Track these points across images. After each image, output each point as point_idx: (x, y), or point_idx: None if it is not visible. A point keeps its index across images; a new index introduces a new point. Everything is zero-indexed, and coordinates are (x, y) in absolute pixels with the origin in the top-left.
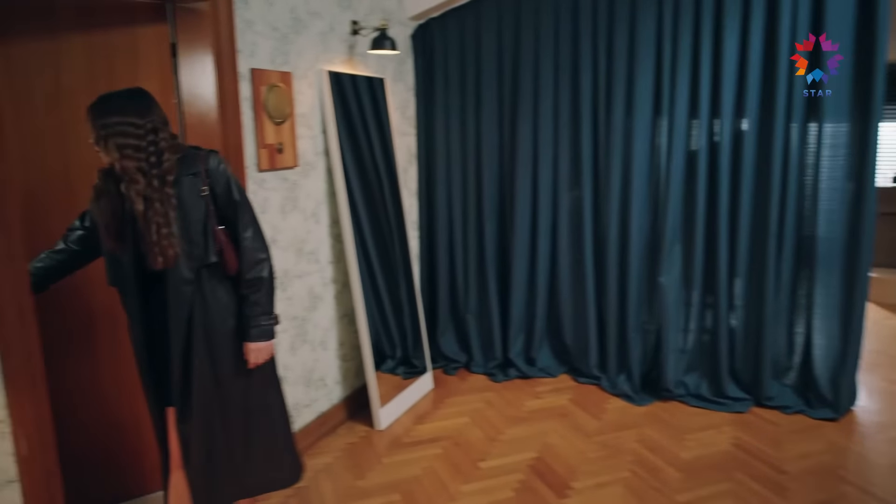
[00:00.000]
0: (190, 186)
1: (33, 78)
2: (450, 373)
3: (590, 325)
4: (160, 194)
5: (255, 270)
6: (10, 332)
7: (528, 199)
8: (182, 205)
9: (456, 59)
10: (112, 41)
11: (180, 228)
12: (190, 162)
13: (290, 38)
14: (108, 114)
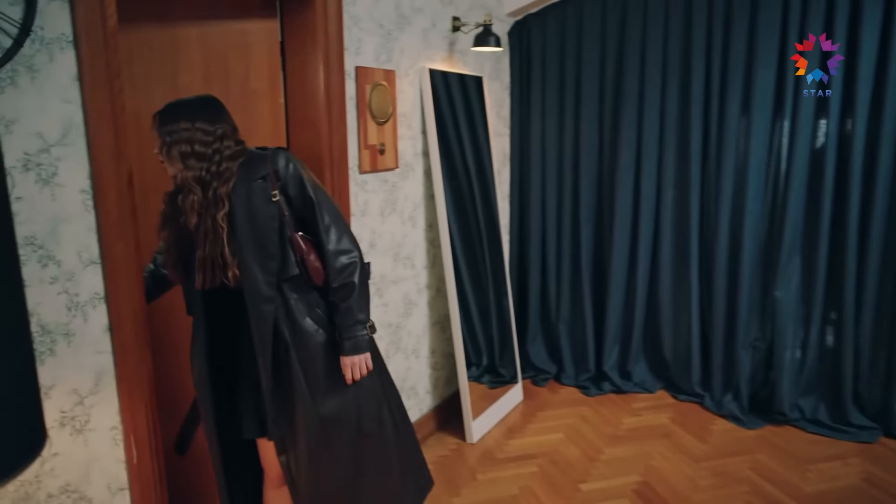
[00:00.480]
0: (259, 192)
1: (152, 78)
2: (539, 384)
3: (693, 339)
4: (215, 208)
5: (343, 276)
6: (126, 335)
7: (629, 203)
8: (252, 214)
9: (555, 57)
10: (226, 38)
11: (252, 240)
12: (256, 165)
13: (394, 34)
14: (176, 119)
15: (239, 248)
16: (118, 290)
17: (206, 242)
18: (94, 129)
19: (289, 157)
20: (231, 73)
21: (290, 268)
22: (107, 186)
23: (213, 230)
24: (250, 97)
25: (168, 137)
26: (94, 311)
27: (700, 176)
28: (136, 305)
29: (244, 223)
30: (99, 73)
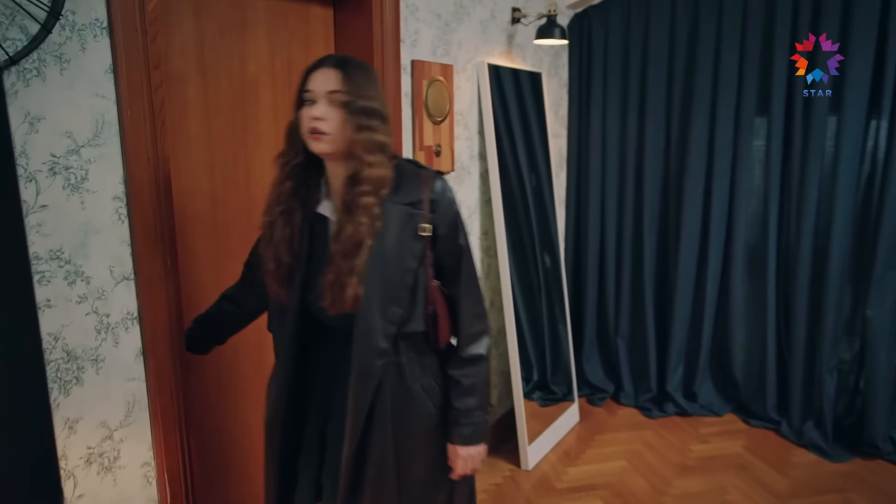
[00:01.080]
0: (403, 220)
1: (221, 65)
2: (595, 403)
3: (768, 359)
4: (367, 215)
5: (474, 346)
6: (161, 361)
7: (698, 210)
8: (384, 245)
9: (618, 52)
10: (289, 27)
11: (380, 276)
12: (408, 183)
13: (452, 26)
14: (369, 77)
15: (362, 280)
16: (154, 309)
17: (342, 255)
18: (130, 128)
19: (447, 188)
20: (293, 67)
21: (416, 321)
22: (143, 193)
23: (355, 242)
24: None
25: (359, 99)
26: (126, 333)
27: (780, 180)
28: (173, 327)
29: (377, 252)
30: (136, 65)
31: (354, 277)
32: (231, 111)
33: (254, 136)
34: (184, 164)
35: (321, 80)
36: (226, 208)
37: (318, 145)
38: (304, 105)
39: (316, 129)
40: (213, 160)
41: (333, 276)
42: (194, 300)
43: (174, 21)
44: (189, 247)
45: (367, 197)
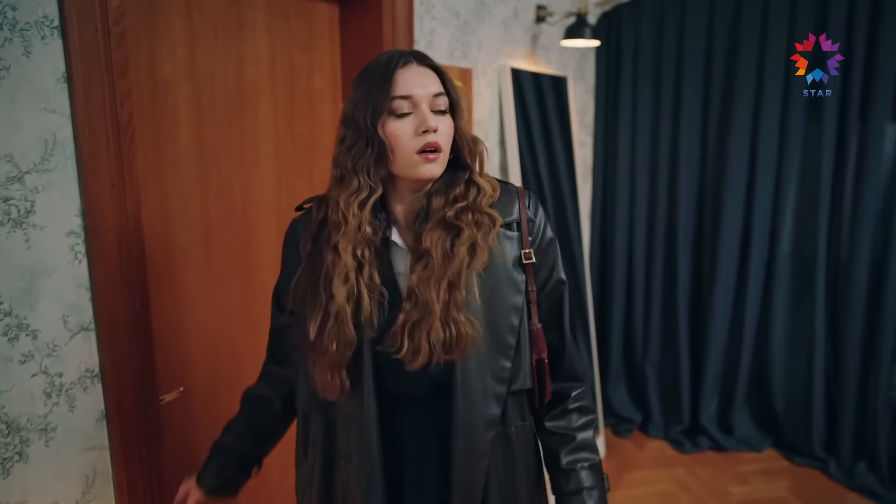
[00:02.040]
0: (507, 245)
1: (215, 70)
2: (622, 434)
3: (814, 390)
4: (472, 237)
5: (583, 401)
6: (128, 425)
7: (738, 226)
8: (486, 277)
9: (650, 54)
10: (292, 27)
11: (482, 321)
12: (501, 200)
13: (472, 25)
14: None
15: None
16: (119, 364)
17: (435, 287)
18: (88, 150)
19: (540, 206)
20: (296, 71)
21: (524, 377)
22: (105, 226)
23: (454, 270)
24: (315, 99)
25: (457, 99)
26: (84, 394)
27: (831, 191)
28: (145, 383)
29: (480, 285)
30: (96, 72)
31: (455, 314)
32: (226, 122)
33: (252, 150)
34: (171, 185)
35: (419, 82)
36: (221, 235)
37: (434, 168)
38: (392, 116)
39: (433, 147)
40: (206, 179)
41: (419, 316)
42: (183, 346)
43: (161, 20)
44: (176, 281)
45: (483, 213)
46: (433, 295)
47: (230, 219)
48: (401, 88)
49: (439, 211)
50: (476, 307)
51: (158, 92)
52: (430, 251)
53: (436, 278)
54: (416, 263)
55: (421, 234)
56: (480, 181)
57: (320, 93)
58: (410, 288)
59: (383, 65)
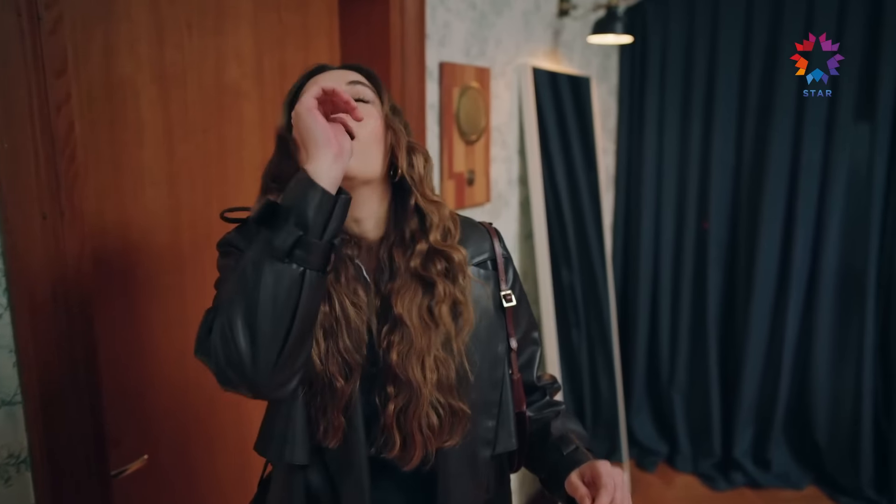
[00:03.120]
0: (480, 287)
1: (189, 69)
2: (646, 468)
3: (862, 421)
4: (448, 281)
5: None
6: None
7: (776, 241)
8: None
9: (680, 51)
10: (283, 19)
11: (469, 381)
12: (472, 234)
13: (490, 19)
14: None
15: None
16: (55, 443)
17: (414, 368)
18: (10, 170)
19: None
20: (287, 69)
21: (508, 436)
22: (34, 269)
23: (439, 345)
24: None
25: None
26: (5, 487)
27: (883, 200)
28: (91, 462)
29: (469, 339)
30: (19, 70)
31: (448, 394)
32: (202, 132)
33: (235, 164)
34: (133, 209)
35: (331, 77)
36: (196, 268)
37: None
38: None
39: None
40: (178, 202)
41: (405, 402)
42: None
43: (119, 7)
44: (138, 326)
45: (449, 250)
46: (418, 375)
47: (208, 248)
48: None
49: (404, 254)
50: (468, 380)
51: (116, 95)
52: (405, 320)
53: (418, 354)
54: (392, 333)
55: (388, 293)
56: (430, 208)
57: None
58: (390, 367)
59: (308, 72)
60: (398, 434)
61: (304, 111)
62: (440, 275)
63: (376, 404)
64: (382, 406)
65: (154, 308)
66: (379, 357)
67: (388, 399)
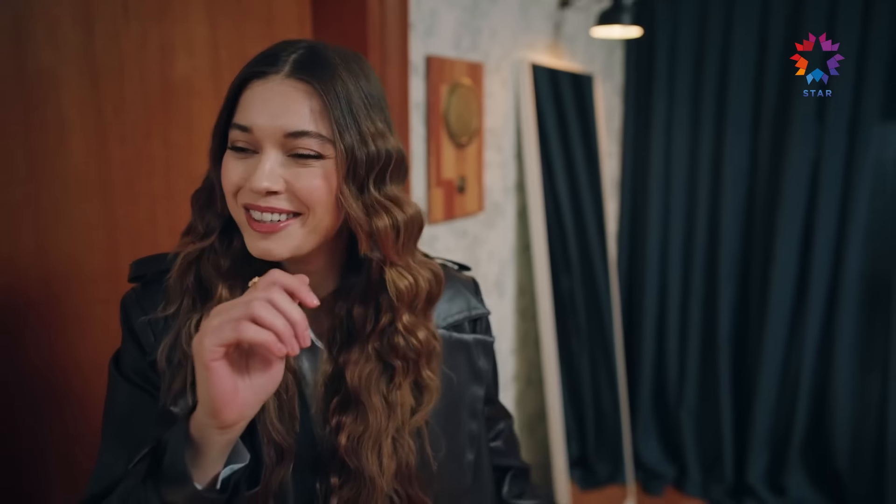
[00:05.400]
0: (453, 355)
1: (126, 61)
2: (652, 491)
3: (888, 445)
4: (409, 356)
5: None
6: None
7: (794, 253)
8: (438, 406)
9: (690, 48)
10: (242, 2)
11: (437, 471)
12: (456, 285)
13: (483, 8)
14: (339, 79)
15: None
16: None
17: (369, 455)
18: None
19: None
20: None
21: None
22: None
23: (397, 428)
24: None
25: (346, 116)
26: None
27: None
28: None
29: (433, 418)
30: None
31: (408, 485)
32: (144, 135)
33: (183, 174)
34: (55, 227)
35: (270, 108)
36: None
37: (269, 245)
38: (230, 148)
39: (260, 212)
40: (114, 218)
41: (353, 494)
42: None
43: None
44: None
45: (419, 333)
46: (373, 464)
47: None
48: (242, 113)
49: (361, 331)
50: (429, 469)
51: (32, 90)
52: (362, 398)
53: (374, 439)
54: (344, 412)
55: (343, 364)
56: (399, 279)
57: None
58: (337, 453)
59: (247, 65)
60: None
61: (202, 359)
62: (404, 357)
63: (316, 492)
64: (324, 498)
65: (83, 348)
66: (319, 438)
67: (330, 491)
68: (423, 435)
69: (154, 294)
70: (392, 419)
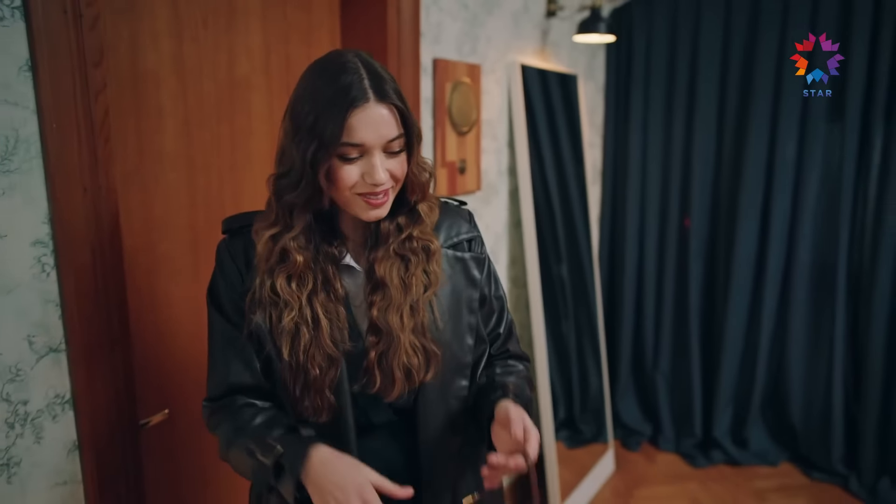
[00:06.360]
0: (454, 266)
1: (204, 63)
2: (630, 447)
3: (834, 403)
4: (424, 264)
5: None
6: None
7: (754, 232)
8: (441, 300)
9: (663, 50)
10: (288, 17)
11: (442, 344)
12: (447, 220)
13: (481, 18)
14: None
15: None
16: (94, 389)
17: (395, 318)
18: (57, 148)
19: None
20: (291, 64)
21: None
22: (77, 235)
23: (411, 299)
24: None
25: (400, 101)
26: (53, 423)
27: (853, 198)
28: (122, 410)
29: (439, 309)
30: (65, 60)
31: (421, 338)
32: (216, 121)
33: (244, 152)
34: (154, 191)
35: (375, 128)
36: (210, 245)
37: (380, 212)
38: (339, 160)
39: (378, 193)
40: (194, 184)
41: (385, 346)
42: (167, 365)
43: (143, 5)
44: (160, 294)
45: (427, 241)
46: (396, 322)
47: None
48: (354, 135)
49: (387, 240)
50: (436, 328)
51: (140, 86)
52: (386, 280)
53: (395, 306)
54: (374, 294)
55: (373, 262)
56: (422, 208)
57: None
58: (371, 320)
59: (339, 95)
60: (379, 373)
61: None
62: (416, 252)
63: (363, 350)
64: (365, 353)
65: (173, 279)
66: (361, 330)
67: (369, 347)
68: (433, 308)
69: (239, 243)
70: (408, 294)
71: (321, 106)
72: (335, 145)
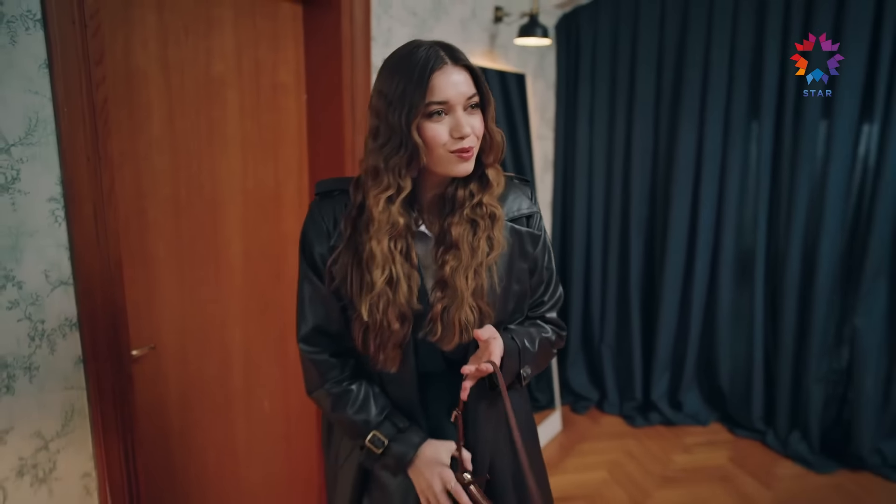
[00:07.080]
0: (512, 238)
1: (185, 63)
2: (579, 412)
3: (755, 368)
4: (489, 230)
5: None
6: (103, 367)
7: (686, 215)
8: (500, 267)
9: (606, 53)
10: (257, 24)
11: (497, 306)
12: (516, 191)
13: (429, 24)
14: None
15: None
16: (95, 315)
17: (460, 277)
18: (67, 127)
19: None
20: (262, 68)
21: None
22: (82, 194)
23: (476, 262)
24: (279, 92)
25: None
26: (63, 340)
27: (770, 185)
28: (117, 332)
29: (498, 274)
30: (74, 60)
31: (474, 301)
32: (195, 112)
33: (220, 138)
34: (145, 166)
35: (455, 86)
36: (190, 214)
37: (469, 165)
38: (427, 119)
39: (467, 149)
40: (177, 163)
41: (449, 302)
42: (154, 308)
43: (136, 15)
44: (149, 251)
45: (494, 208)
46: (463, 282)
47: (199, 200)
48: (437, 94)
49: (461, 205)
50: (494, 293)
51: (132, 81)
52: (459, 243)
53: (464, 268)
54: (446, 253)
55: (448, 227)
56: (491, 174)
57: (284, 86)
58: (440, 277)
59: (419, 65)
60: (441, 325)
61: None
62: (484, 218)
63: (427, 307)
64: (430, 307)
65: (159, 240)
66: (429, 291)
67: (436, 301)
68: (493, 273)
69: (328, 205)
70: (475, 258)
71: (406, 77)
72: (423, 104)
